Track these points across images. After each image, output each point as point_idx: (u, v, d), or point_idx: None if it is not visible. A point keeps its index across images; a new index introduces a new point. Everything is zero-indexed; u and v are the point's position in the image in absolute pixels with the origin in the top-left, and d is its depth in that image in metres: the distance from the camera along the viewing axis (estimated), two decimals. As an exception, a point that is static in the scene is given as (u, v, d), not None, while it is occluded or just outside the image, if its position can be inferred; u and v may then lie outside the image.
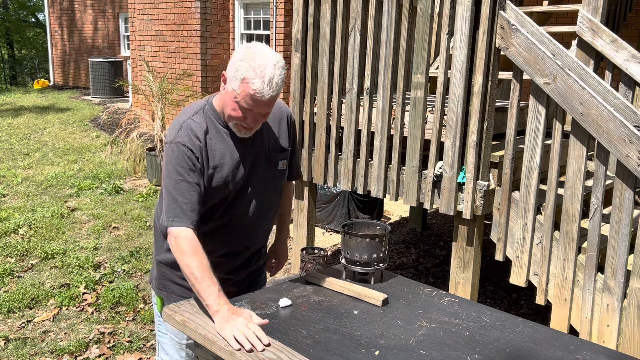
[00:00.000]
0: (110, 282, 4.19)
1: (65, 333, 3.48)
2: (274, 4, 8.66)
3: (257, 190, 1.97)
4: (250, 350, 1.57)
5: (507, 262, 3.10)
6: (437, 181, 3.18)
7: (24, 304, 3.80)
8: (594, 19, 3.47)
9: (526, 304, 4.10)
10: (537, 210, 2.95)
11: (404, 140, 3.34)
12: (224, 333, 1.64)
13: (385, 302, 1.93)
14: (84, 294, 3.98)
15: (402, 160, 3.37)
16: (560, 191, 2.92)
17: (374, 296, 1.94)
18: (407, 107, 3.29)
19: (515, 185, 3.03)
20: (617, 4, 4.59)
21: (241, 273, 2.10)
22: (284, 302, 1.92)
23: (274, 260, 2.34)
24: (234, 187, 1.91)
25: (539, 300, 2.94)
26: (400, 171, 3.37)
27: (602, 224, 2.80)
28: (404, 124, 3.32)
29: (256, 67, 1.70)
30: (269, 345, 1.60)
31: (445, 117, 3.11)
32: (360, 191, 3.58)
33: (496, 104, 3.12)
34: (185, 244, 1.74)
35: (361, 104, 3.53)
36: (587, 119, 2.63)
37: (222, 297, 1.70)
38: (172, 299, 2.02)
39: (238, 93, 1.73)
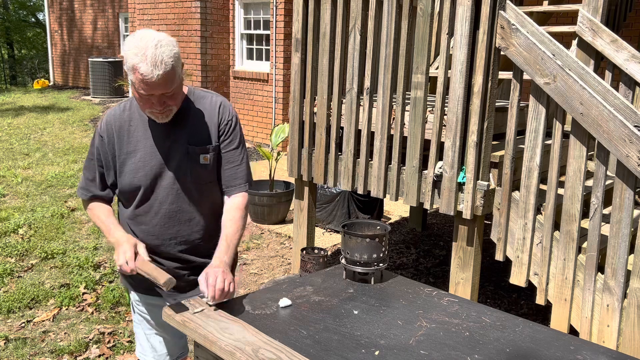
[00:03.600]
0: (110, 282, 4.19)
1: (65, 333, 3.48)
2: (274, 4, 8.65)
3: (175, 180, 1.99)
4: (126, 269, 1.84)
5: (507, 262, 3.10)
6: (437, 181, 3.18)
7: (24, 304, 3.79)
8: (594, 18, 3.47)
9: (526, 304, 4.09)
10: (537, 210, 2.95)
11: (404, 140, 3.34)
12: (115, 256, 1.91)
13: (168, 283, 1.79)
14: (84, 294, 3.98)
15: (402, 160, 3.36)
16: (561, 191, 2.92)
17: (158, 279, 1.82)
18: (407, 107, 3.29)
19: (515, 185, 3.03)
20: (617, 4, 4.59)
21: (181, 267, 2.08)
22: (284, 302, 1.92)
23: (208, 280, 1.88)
24: (148, 173, 1.97)
25: (539, 300, 2.94)
26: (400, 171, 3.37)
27: (602, 224, 2.80)
28: (404, 124, 3.31)
29: (138, 52, 1.74)
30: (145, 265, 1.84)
31: (445, 117, 3.11)
32: (360, 191, 3.58)
33: (496, 104, 3.12)
34: (90, 206, 2.06)
35: (361, 104, 3.53)
36: (587, 119, 2.63)
37: (118, 233, 1.96)
38: (132, 287, 2.15)
39: (134, 82, 1.79)
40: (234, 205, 2.04)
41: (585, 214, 2.94)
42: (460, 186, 3.09)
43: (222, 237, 1.99)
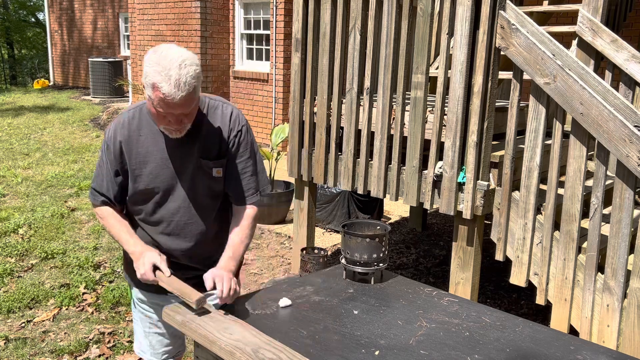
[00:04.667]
0: (110, 282, 4.19)
1: (65, 333, 3.48)
2: (274, 4, 8.65)
3: (186, 192, 1.97)
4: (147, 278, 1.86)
5: (507, 262, 3.10)
6: (437, 181, 3.18)
7: (24, 304, 3.79)
8: (594, 18, 3.47)
9: (526, 304, 4.09)
10: (537, 210, 2.95)
11: (404, 140, 3.34)
12: (135, 267, 1.90)
13: (200, 302, 1.79)
14: (84, 294, 3.98)
15: (402, 160, 3.36)
16: (561, 191, 2.92)
17: (189, 296, 1.80)
18: (407, 107, 3.29)
19: (515, 185, 3.03)
20: (617, 4, 4.59)
21: (185, 272, 2.06)
22: (284, 302, 1.92)
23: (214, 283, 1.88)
24: (158, 184, 1.94)
25: (539, 300, 2.94)
26: (400, 171, 3.37)
27: (602, 223, 2.80)
28: (404, 124, 3.31)
29: (161, 70, 1.70)
30: (169, 276, 1.85)
31: (445, 117, 3.11)
32: (360, 191, 3.58)
33: (496, 104, 3.12)
34: (102, 212, 2.01)
35: (361, 104, 3.53)
36: (587, 119, 2.63)
37: (136, 244, 1.95)
38: (134, 283, 2.14)
39: (152, 99, 1.75)
40: (243, 214, 2.03)
41: (585, 214, 2.94)
42: (460, 186, 3.09)
43: (228, 244, 1.98)
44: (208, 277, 1.86)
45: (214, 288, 1.85)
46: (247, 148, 2.02)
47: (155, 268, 1.88)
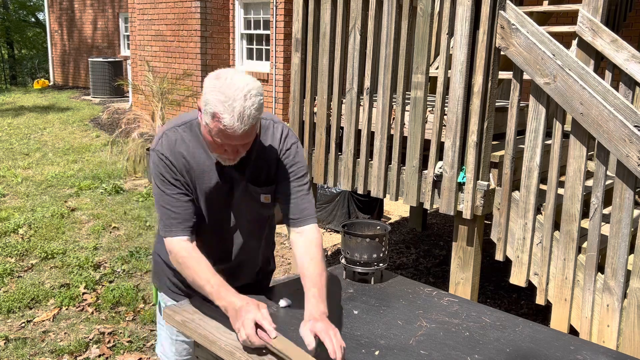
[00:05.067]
0: (110, 282, 4.19)
1: (65, 333, 3.48)
2: (274, 4, 8.66)
3: (233, 219, 1.89)
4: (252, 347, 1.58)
5: (507, 262, 3.10)
6: (437, 181, 3.18)
7: (24, 304, 3.79)
8: (594, 18, 3.47)
9: (526, 304, 4.09)
10: (537, 210, 2.95)
11: (404, 140, 3.34)
12: (235, 328, 1.63)
13: None
14: (84, 294, 3.98)
15: (402, 160, 3.36)
16: (561, 191, 2.92)
17: None
18: (407, 107, 3.29)
19: (515, 185, 3.03)
20: (617, 4, 4.59)
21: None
22: (284, 302, 1.92)
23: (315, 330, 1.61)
24: (207, 207, 1.84)
25: (539, 300, 2.94)
26: (400, 171, 3.37)
27: (602, 223, 2.80)
28: (404, 124, 3.31)
29: (225, 100, 1.58)
30: (275, 337, 1.56)
31: (445, 117, 3.11)
32: (360, 191, 3.58)
33: (496, 104, 3.12)
34: (182, 256, 1.76)
35: (361, 104, 3.53)
36: (587, 119, 2.63)
37: (228, 295, 1.68)
38: (163, 290, 2.06)
39: (211, 128, 1.63)
40: (311, 242, 1.84)
41: (585, 214, 2.94)
42: (460, 186, 3.09)
43: (308, 283, 1.74)
44: (307, 334, 1.58)
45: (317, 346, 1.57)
46: (301, 165, 1.90)
47: (257, 326, 1.60)
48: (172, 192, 1.77)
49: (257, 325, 1.59)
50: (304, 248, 1.83)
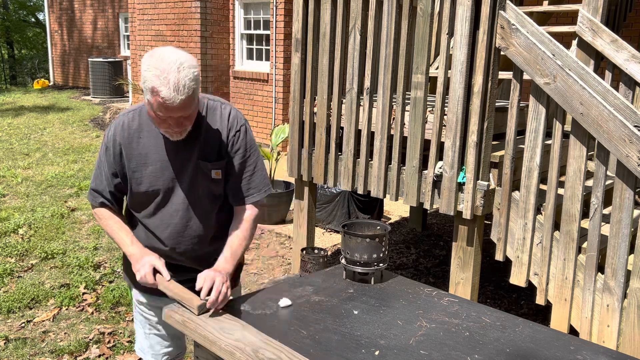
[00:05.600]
0: (110, 282, 4.19)
1: (65, 333, 3.48)
2: (274, 4, 8.65)
3: (185, 194, 1.96)
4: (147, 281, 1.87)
5: (507, 262, 3.10)
6: (437, 181, 3.18)
7: (24, 304, 3.79)
8: (594, 19, 3.47)
9: (526, 304, 4.09)
10: (537, 210, 2.95)
11: (404, 140, 3.34)
12: (134, 270, 1.91)
13: (201, 308, 1.80)
14: (84, 294, 3.98)
15: (402, 160, 3.36)
16: (561, 191, 2.92)
17: (189, 301, 1.81)
18: (407, 107, 3.29)
19: (515, 185, 3.03)
20: (617, 4, 4.59)
21: (185, 274, 2.04)
22: (284, 302, 1.92)
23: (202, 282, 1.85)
24: (158, 186, 1.94)
25: (539, 300, 2.94)
26: (400, 171, 3.37)
27: (602, 224, 2.80)
28: (404, 124, 3.31)
29: (159, 74, 1.68)
30: (169, 280, 1.86)
31: (445, 117, 3.11)
32: (360, 191, 3.58)
33: (496, 104, 3.12)
34: (102, 213, 2.03)
35: (361, 104, 3.53)
36: (587, 119, 2.63)
37: (135, 245, 1.96)
38: (134, 286, 2.14)
39: (152, 103, 1.74)
40: (243, 215, 2.01)
41: (585, 214, 2.94)
42: (460, 186, 3.09)
43: (226, 245, 1.97)
44: (200, 278, 1.84)
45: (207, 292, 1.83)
46: (247, 148, 2.01)
47: (155, 271, 1.88)
48: (104, 170, 1.98)
49: (156, 271, 1.89)
50: (236, 220, 2.02)
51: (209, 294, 1.81)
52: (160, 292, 1.96)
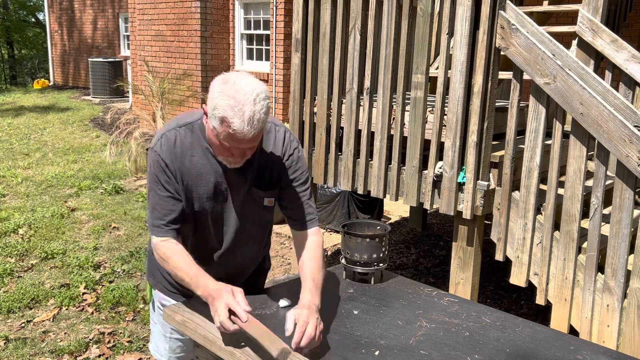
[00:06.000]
0: (110, 282, 4.19)
1: (65, 333, 3.48)
2: (274, 4, 8.66)
3: (236, 220, 1.89)
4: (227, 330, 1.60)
5: (507, 262, 3.10)
6: (437, 181, 3.18)
7: (24, 304, 3.79)
8: (594, 19, 3.47)
9: (526, 304, 4.09)
10: (537, 210, 2.94)
11: (404, 140, 3.34)
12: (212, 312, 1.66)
13: (283, 354, 1.53)
14: (84, 294, 3.98)
15: (402, 160, 3.36)
16: (561, 191, 2.92)
17: (270, 346, 1.55)
18: (407, 107, 3.29)
19: (515, 185, 3.03)
20: (617, 4, 4.59)
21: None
22: (284, 302, 1.92)
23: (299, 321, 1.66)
24: (207, 210, 1.85)
25: (539, 300, 2.94)
26: (400, 171, 3.37)
27: (602, 224, 2.80)
28: (404, 124, 3.32)
29: (234, 105, 1.58)
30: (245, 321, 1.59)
31: (445, 117, 3.11)
32: (360, 191, 3.58)
33: (496, 104, 3.12)
34: (163, 252, 1.79)
35: (361, 104, 3.53)
36: (587, 119, 2.63)
37: (207, 283, 1.71)
38: (158, 288, 2.06)
39: (219, 132, 1.64)
40: (313, 242, 1.91)
41: (585, 214, 2.94)
42: (460, 186, 3.09)
43: (307, 277, 1.81)
44: (289, 319, 1.67)
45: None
46: (303, 170, 1.93)
47: (231, 312, 1.63)
48: (163, 194, 1.79)
49: (232, 312, 1.61)
50: (305, 248, 1.89)
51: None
52: (188, 298, 1.91)
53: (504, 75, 3.73)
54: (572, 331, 2.76)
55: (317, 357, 1.60)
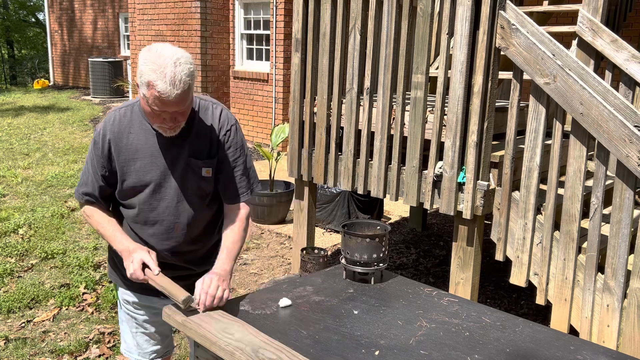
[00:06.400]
0: (110, 282, 4.19)
1: (65, 333, 3.48)
2: (274, 4, 8.65)
3: (175, 192, 1.97)
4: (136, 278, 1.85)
5: (507, 262, 3.10)
6: (437, 181, 3.18)
7: (24, 304, 3.79)
8: (594, 19, 3.47)
9: (526, 304, 4.09)
10: (537, 210, 2.95)
11: (404, 140, 3.34)
12: (125, 266, 1.89)
13: (186, 301, 1.79)
14: (84, 294, 3.98)
15: (402, 160, 3.37)
16: (561, 191, 2.92)
17: (176, 295, 1.79)
18: (407, 107, 3.29)
19: (515, 185, 3.03)
20: (617, 4, 4.59)
21: (175, 271, 2.03)
22: (284, 302, 1.92)
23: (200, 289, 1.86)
24: (145, 181, 1.94)
25: (539, 300, 2.94)
26: (400, 171, 3.37)
27: (602, 224, 2.80)
28: (404, 124, 3.32)
29: (156, 68, 1.72)
30: (157, 274, 1.83)
31: (445, 117, 3.11)
32: (360, 191, 3.58)
33: (496, 104, 3.12)
34: (86, 210, 2.02)
35: (361, 104, 3.53)
36: (587, 119, 2.63)
37: (123, 240, 1.94)
38: (119, 284, 2.15)
39: (147, 97, 1.77)
40: (236, 215, 2.03)
41: (585, 214, 2.94)
42: (460, 186, 3.09)
43: (222, 246, 1.99)
44: (198, 283, 1.86)
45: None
46: (237, 147, 2.03)
47: (145, 266, 1.87)
48: (89, 169, 1.98)
49: (145, 265, 1.86)
50: (229, 220, 2.03)
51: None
52: (149, 291, 1.96)
53: (504, 75, 3.73)
54: (572, 331, 2.76)
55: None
